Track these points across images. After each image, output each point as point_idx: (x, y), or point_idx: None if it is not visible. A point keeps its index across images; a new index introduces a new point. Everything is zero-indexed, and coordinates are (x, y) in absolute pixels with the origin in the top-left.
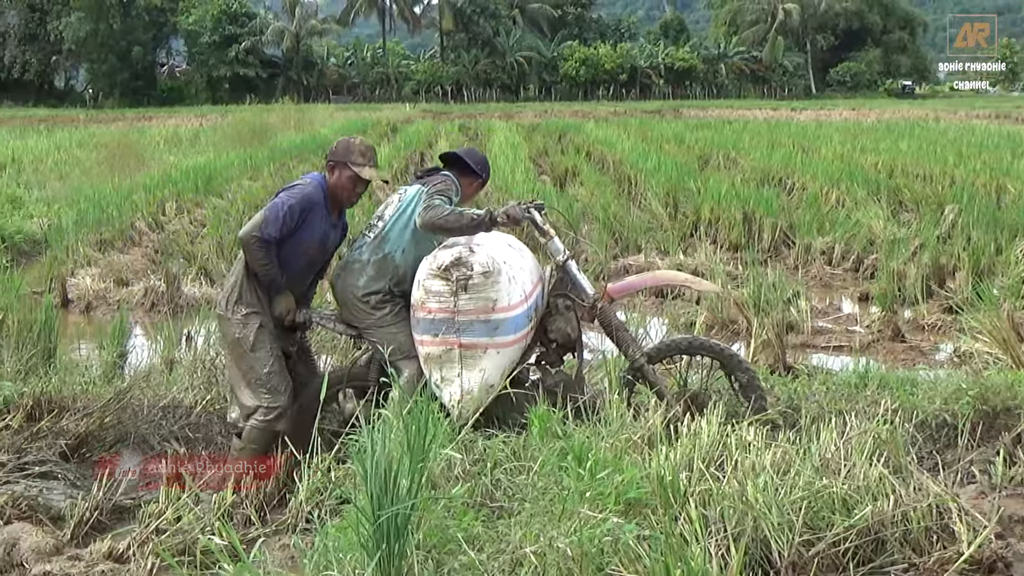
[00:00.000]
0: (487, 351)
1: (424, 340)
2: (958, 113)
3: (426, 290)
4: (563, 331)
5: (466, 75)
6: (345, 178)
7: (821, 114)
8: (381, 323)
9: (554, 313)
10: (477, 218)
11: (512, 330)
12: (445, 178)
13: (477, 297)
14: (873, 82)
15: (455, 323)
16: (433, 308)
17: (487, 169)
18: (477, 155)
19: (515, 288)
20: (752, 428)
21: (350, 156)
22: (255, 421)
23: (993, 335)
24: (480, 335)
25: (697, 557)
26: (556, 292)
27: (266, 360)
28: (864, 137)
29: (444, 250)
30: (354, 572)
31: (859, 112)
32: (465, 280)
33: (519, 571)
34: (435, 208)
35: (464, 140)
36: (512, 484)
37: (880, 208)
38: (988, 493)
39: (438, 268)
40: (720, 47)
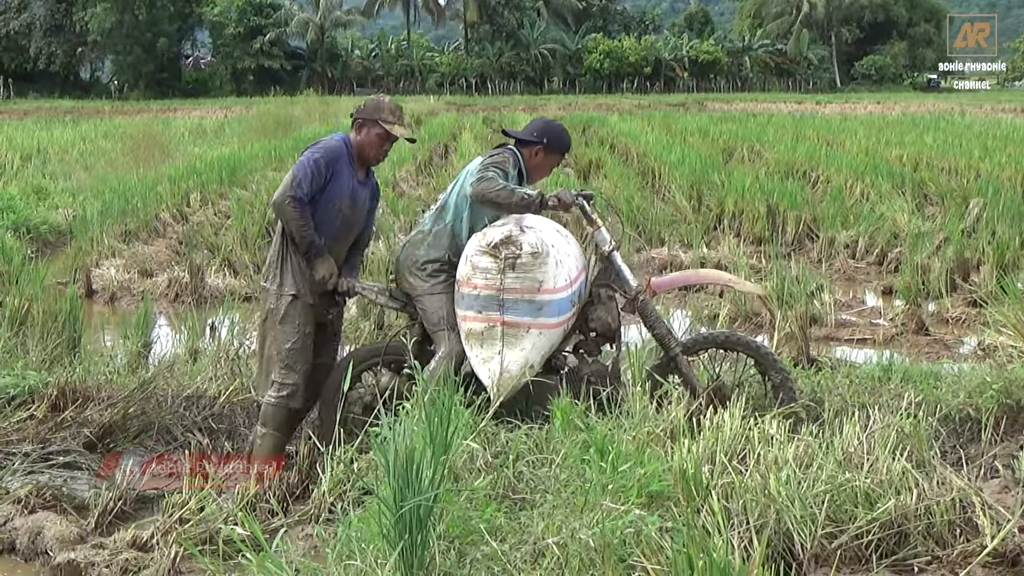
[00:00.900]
0: (529, 331)
1: (467, 316)
2: (984, 107)
3: (473, 266)
4: (604, 321)
5: (490, 67)
6: (374, 135)
7: (846, 107)
8: (433, 290)
9: (596, 303)
10: (528, 197)
11: (555, 312)
12: (503, 151)
13: (524, 277)
14: (898, 75)
15: (500, 300)
16: (479, 284)
17: (551, 134)
18: (536, 123)
19: (561, 272)
20: (775, 422)
21: (380, 113)
22: (270, 397)
23: (1018, 329)
24: (524, 314)
25: (719, 549)
26: (599, 282)
27: (291, 335)
28: (889, 130)
29: (494, 228)
30: (376, 562)
31: (884, 105)
32: (513, 259)
33: (541, 562)
34: (487, 180)
35: (488, 133)
36: (534, 476)
37: (905, 201)
38: (1012, 487)
39: (487, 245)
40: (745, 40)
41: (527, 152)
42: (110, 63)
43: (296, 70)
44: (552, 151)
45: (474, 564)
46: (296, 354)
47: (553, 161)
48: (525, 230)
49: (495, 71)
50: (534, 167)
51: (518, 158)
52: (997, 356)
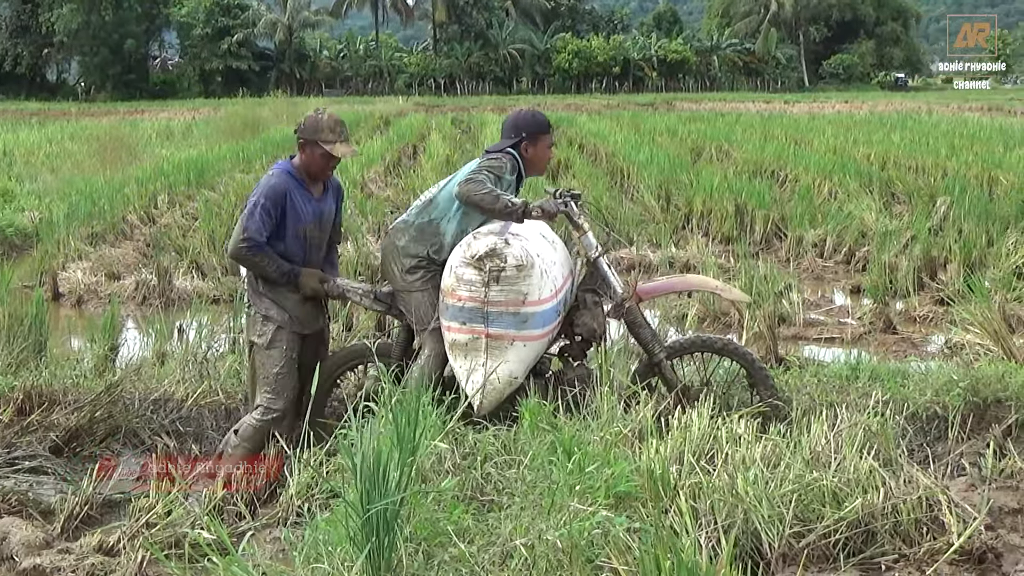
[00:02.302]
0: (514, 343)
1: (451, 327)
2: (951, 106)
3: (458, 277)
4: (589, 326)
5: (459, 68)
6: (317, 156)
7: (814, 107)
8: (410, 288)
9: (581, 307)
10: (511, 207)
11: (540, 324)
12: (501, 155)
13: (508, 289)
14: (866, 74)
15: (484, 313)
16: (463, 296)
17: (524, 124)
18: (507, 122)
19: (546, 283)
20: (743, 421)
21: (319, 134)
22: (253, 418)
23: (984, 327)
24: (508, 327)
25: (687, 549)
26: (585, 287)
27: (278, 360)
28: (857, 129)
29: (479, 239)
30: (343, 565)
31: (852, 104)
32: (498, 272)
33: (509, 563)
34: (475, 183)
35: (457, 133)
36: (502, 477)
37: (872, 200)
38: (978, 485)
39: (471, 257)
40: (713, 39)
41: (520, 151)
42: (77, 64)
43: (264, 71)
44: (535, 137)
45: (441, 566)
46: (284, 379)
47: (544, 144)
48: (510, 241)
49: (464, 71)
50: (531, 161)
51: (516, 161)
52: (964, 354)
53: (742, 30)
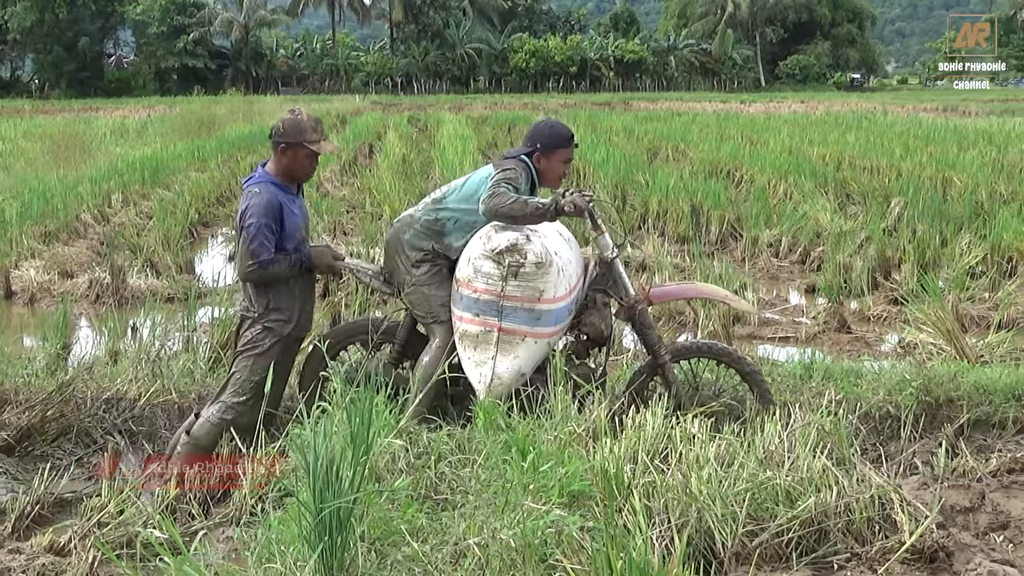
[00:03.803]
0: (525, 339)
1: (464, 317)
2: (906, 106)
3: (475, 269)
4: (597, 326)
5: (416, 67)
6: (302, 157)
7: (770, 107)
8: (416, 282)
9: (591, 307)
10: (542, 207)
11: (553, 322)
12: (515, 163)
13: (525, 285)
14: (822, 75)
15: (499, 307)
16: (480, 288)
17: (540, 136)
18: (530, 130)
19: (562, 281)
20: (697, 421)
21: (304, 135)
22: (212, 414)
23: (937, 326)
24: (521, 322)
25: (639, 548)
26: (596, 287)
27: (263, 369)
28: (812, 130)
29: (500, 233)
30: (296, 564)
31: (808, 105)
32: (517, 267)
33: (462, 563)
34: (499, 196)
35: (414, 132)
36: (456, 476)
37: (827, 200)
38: (930, 484)
39: (491, 250)
40: (670, 39)
41: (534, 161)
42: (31, 62)
43: (220, 69)
44: (549, 149)
45: (395, 566)
46: (260, 387)
47: (559, 159)
48: (531, 238)
49: (421, 70)
50: (544, 172)
51: (529, 169)
52: (917, 354)
53: (699, 31)
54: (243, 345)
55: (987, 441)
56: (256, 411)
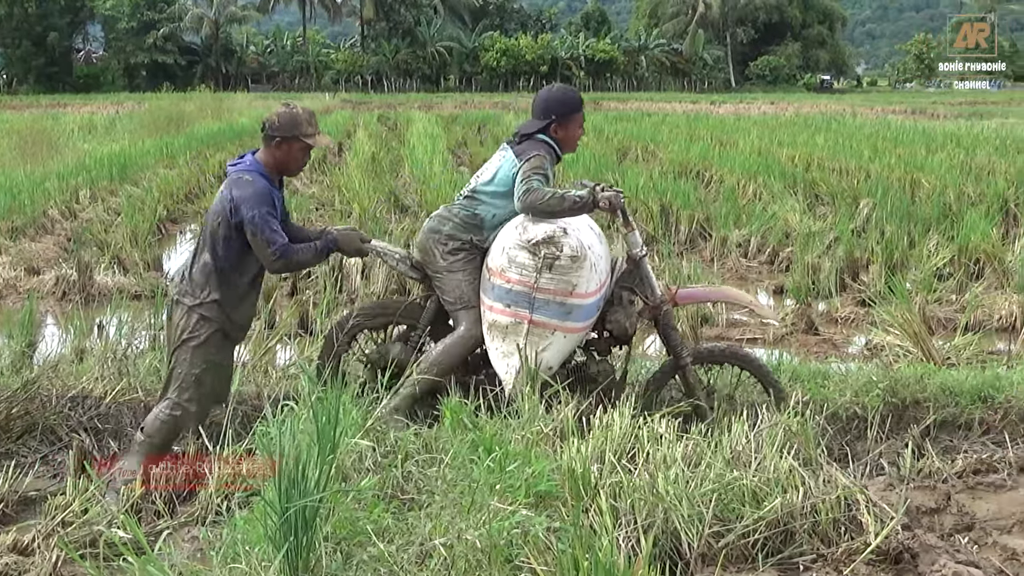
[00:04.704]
0: (555, 333)
1: (495, 307)
2: (875, 108)
3: (510, 259)
4: (621, 324)
5: (386, 65)
6: (297, 150)
7: (740, 107)
8: (451, 268)
9: (615, 304)
10: (580, 201)
11: (583, 317)
12: (537, 146)
13: (559, 279)
14: (792, 76)
15: (531, 299)
16: (513, 279)
17: (554, 107)
18: (537, 103)
19: (594, 276)
20: (664, 421)
21: (300, 128)
22: (162, 412)
23: (904, 328)
24: (552, 316)
25: (605, 548)
26: (623, 284)
27: (203, 361)
28: (782, 131)
29: (536, 224)
30: (261, 564)
31: (777, 106)
32: (552, 259)
33: (428, 563)
34: (534, 192)
35: (383, 130)
36: (423, 476)
37: (796, 201)
38: (896, 485)
39: (527, 241)
40: (641, 39)
41: (551, 134)
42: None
43: (190, 65)
44: (566, 117)
45: (360, 566)
46: (203, 380)
47: (576, 124)
48: (568, 231)
49: (391, 68)
50: (563, 140)
51: (552, 148)
52: (884, 355)
53: (670, 31)
54: (179, 336)
55: (953, 442)
56: (205, 406)
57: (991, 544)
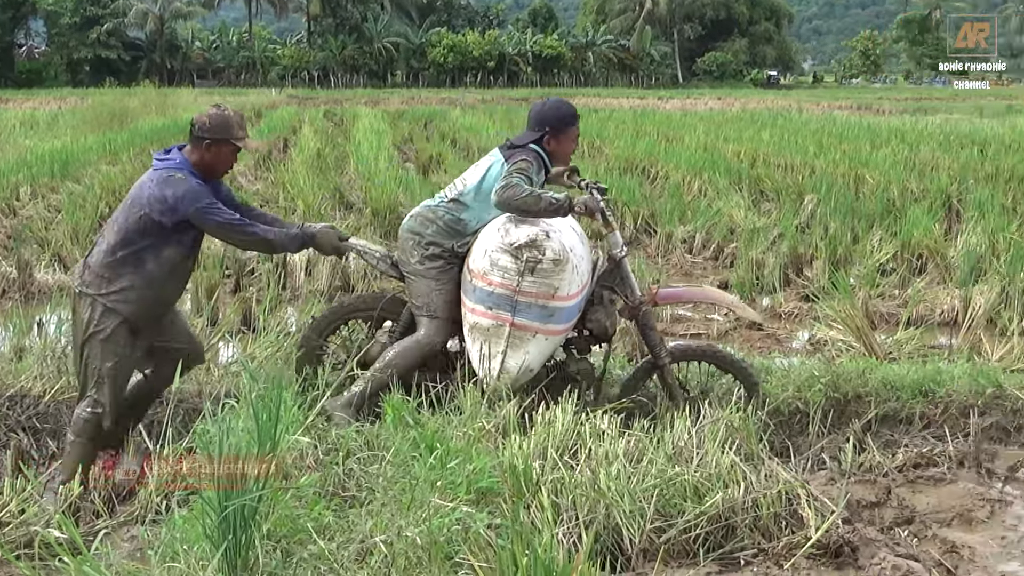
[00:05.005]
0: (536, 336)
1: (476, 309)
2: (821, 104)
3: (492, 262)
4: (602, 323)
5: (333, 60)
6: (226, 152)
7: (687, 103)
8: (426, 274)
9: (596, 303)
10: (556, 203)
11: (565, 319)
12: (526, 153)
13: (541, 282)
14: (739, 72)
15: (513, 302)
16: (495, 282)
17: (548, 119)
18: (532, 114)
19: (576, 279)
20: (606, 417)
21: (231, 131)
22: (84, 410)
23: (847, 323)
24: (534, 319)
25: (546, 545)
26: (603, 283)
27: (112, 355)
28: (728, 127)
29: (519, 227)
30: (199, 564)
31: (724, 102)
32: (535, 263)
33: (368, 561)
34: (512, 188)
35: (329, 126)
36: (364, 473)
37: (741, 197)
38: (837, 479)
39: (510, 244)
40: (588, 35)
41: (544, 145)
42: None
43: (135, 61)
44: (559, 131)
45: (300, 564)
46: (116, 374)
47: (569, 137)
48: (550, 234)
49: (338, 64)
50: (555, 153)
51: (541, 156)
52: (827, 350)
53: (617, 27)
54: (86, 331)
55: (894, 436)
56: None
57: (931, 537)
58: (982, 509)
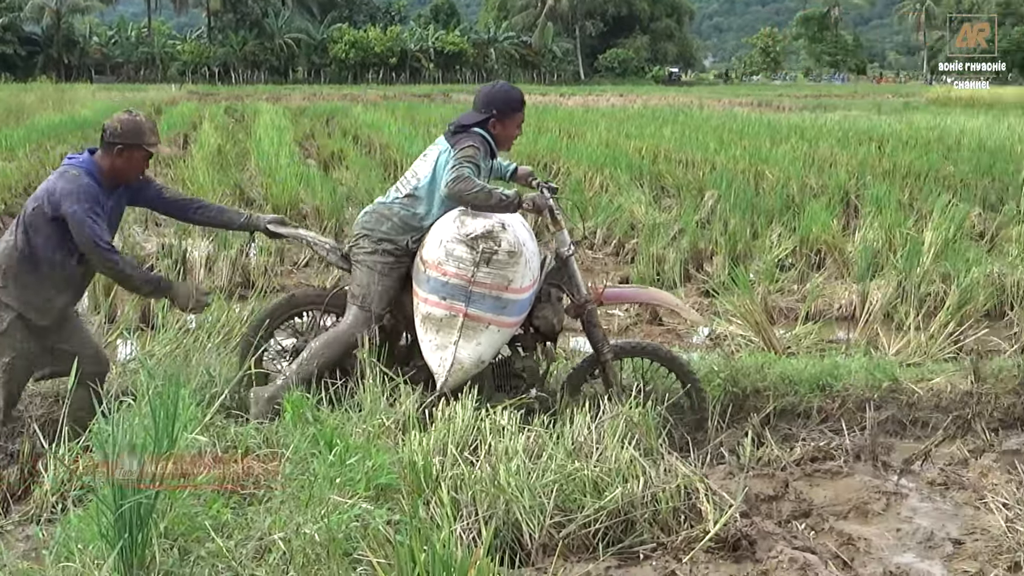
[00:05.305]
0: (488, 327)
1: (429, 299)
2: (722, 100)
3: (447, 252)
4: (549, 320)
5: (234, 56)
6: (139, 158)
7: (589, 100)
8: (372, 266)
9: (543, 300)
10: (505, 200)
11: (517, 312)
12: (471, 137)
13: (496, 273)
14: (641, 69)
15: (467, 292)
16: (450, 272)
17: (495, 101)
18: (479, 97)
19: (528, 272)
20: (506, 413)
21: (143, 138)
22: None
23: (746, 318)
24: (487, 310)
25: (444, 540)
26: (551, 281)
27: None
28: (630, 123)
29: (475, 219)
30: (94, 563)
31: (626, 98)
32: (490, 254)
33: (267, 558)
34: (464, 180)
35: (230, 123)
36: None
37: (642, 193)
38: (736, 473)
39: (466, 235)
40: (490, 31)
41: (489, 128)
42: None
43: (31, 56)
44: (505, 114)
45: (198, 562)
46: (10, 371)
47: (514, 123)
48: (506, 227)
49: (239, 60)
50: (499, 137)
51: (486, 139)
52: (726, 345)
53: (519, 23)
54: None
55: (792, 430)
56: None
57: (828, 530)
58: (878, 502)
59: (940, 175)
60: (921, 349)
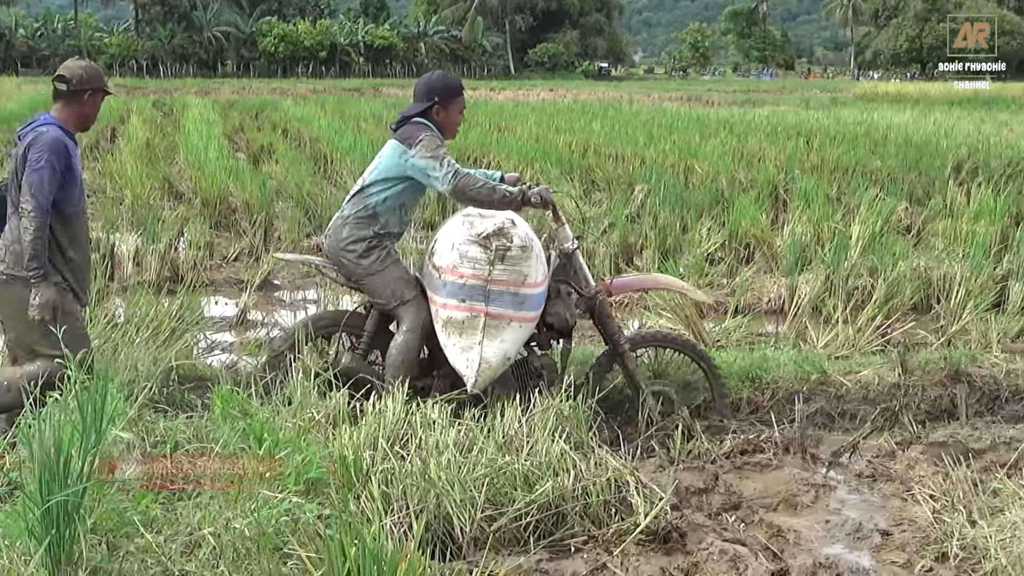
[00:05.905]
0: (511, 323)
1: (448, 304)
2: (651, 95)
3: (461, 255)
4: (562, 316)
5: (162, 49)
6: (100, 100)
7: (519, 94)
8: (371, 270)
9: (554, 297)
10: (510, 196)
11: (535, 306)
12: (423, 131)
13: (511, 269)
14: (571, 63)
15: (486, 292)
16: (466, 274)
17: (436, 89)
18: (419, 87)
19: (539, 267)
20: (437, 407)
21: (103, 80)
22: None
23: (676, 312)
24: (507, 307)
25: (375, 534)
26: (557, 278)
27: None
28: (560, 118)
29: (485, 219)
30: (21, 559)
31: (556, 93)
32: (504, 251)
33: (197, 553)
34: (466, 176)
35: (159, 116)
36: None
37: (573, 187)
38: (666, 466)
39: (478, 235)
40: (420, 25)
41: (432, 115)
42: None
43: None
44: (447, 101)
45: (127, 557)
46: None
47: (456, 108)
48: (516, 223)
49: (167, 53)
50: (443, 124)
51: (433, 129)
52: None
53: (449, 17)
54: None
55: (722, 423)
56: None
57: (757, 522)
58: (807, 494)
59: (867, 169)
60: (849, 342)
